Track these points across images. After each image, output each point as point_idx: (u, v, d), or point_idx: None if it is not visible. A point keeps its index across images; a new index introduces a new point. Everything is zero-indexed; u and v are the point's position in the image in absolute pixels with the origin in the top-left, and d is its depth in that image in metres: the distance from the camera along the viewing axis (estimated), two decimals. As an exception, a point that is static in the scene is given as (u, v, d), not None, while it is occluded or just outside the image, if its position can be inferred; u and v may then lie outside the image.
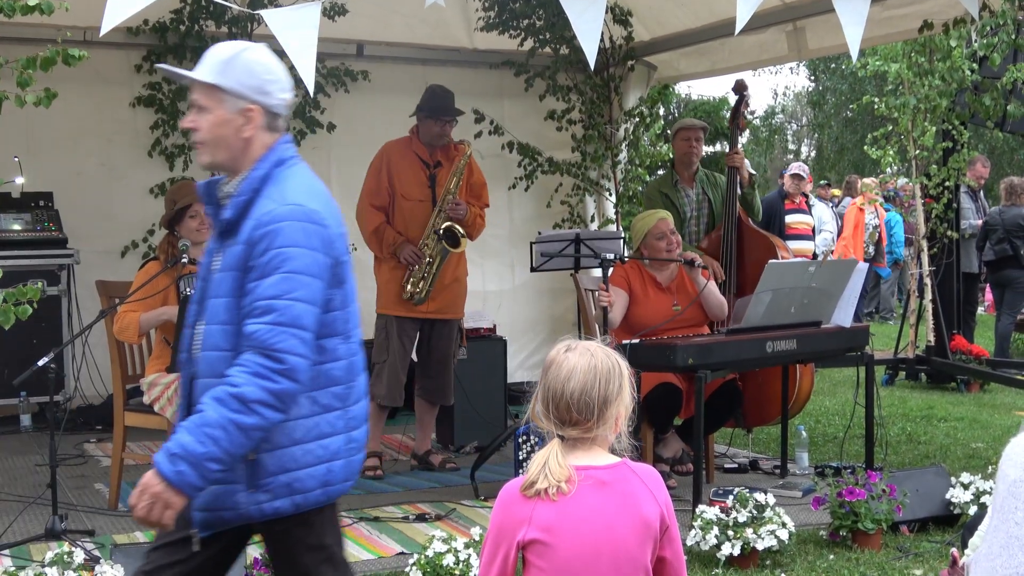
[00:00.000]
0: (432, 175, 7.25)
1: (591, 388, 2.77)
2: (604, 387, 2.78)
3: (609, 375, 2.79)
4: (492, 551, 2.80)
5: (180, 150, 8.79)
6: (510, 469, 6.44)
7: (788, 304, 6.24)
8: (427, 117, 7.22)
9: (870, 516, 5.49)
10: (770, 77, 33.40)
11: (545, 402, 2.81)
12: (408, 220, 7.21)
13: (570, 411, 2.77)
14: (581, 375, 2.77)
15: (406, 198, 7.20)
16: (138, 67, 8.75)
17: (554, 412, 2.79)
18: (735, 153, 7.75)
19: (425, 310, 7.23)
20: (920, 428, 8.74)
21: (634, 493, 2.79)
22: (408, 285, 7.15)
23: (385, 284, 7.26)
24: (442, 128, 7.23)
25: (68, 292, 8.36)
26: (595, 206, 10.04)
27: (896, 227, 15.61)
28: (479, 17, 9.22)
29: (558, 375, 2.79)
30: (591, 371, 2.78)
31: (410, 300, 7.16)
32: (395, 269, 7.21)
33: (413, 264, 7.13)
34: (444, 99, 7.27)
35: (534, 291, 10.11)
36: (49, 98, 4.78)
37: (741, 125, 7.98)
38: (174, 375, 5.83)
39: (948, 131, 10.63)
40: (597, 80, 9.63)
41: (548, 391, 2.80)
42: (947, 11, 7.26)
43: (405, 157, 7.25)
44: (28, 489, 6.56)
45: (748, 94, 7.97)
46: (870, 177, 15.78)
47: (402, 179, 7.21)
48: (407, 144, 7.31)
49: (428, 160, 7.27)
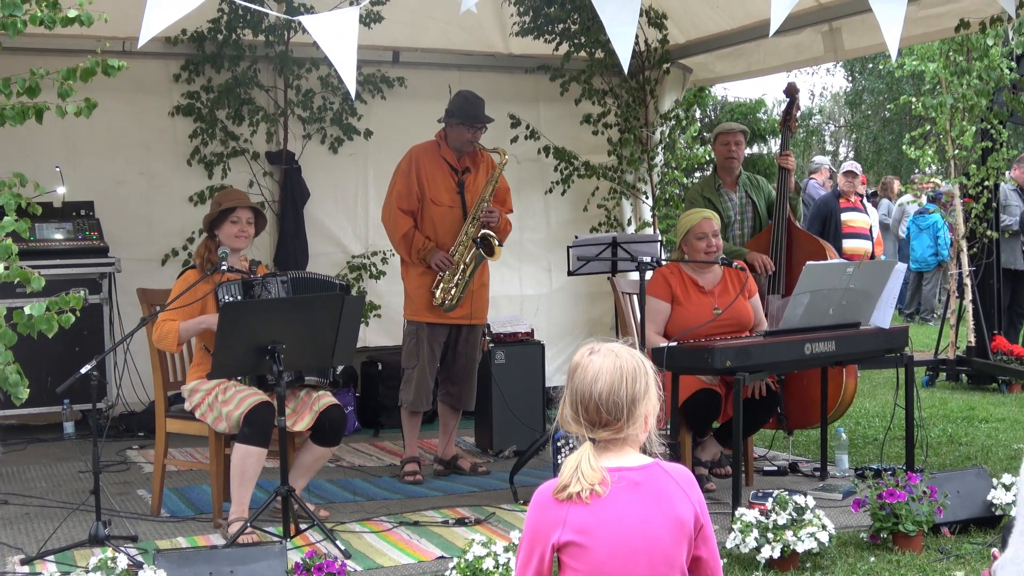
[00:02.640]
0: (461, 181, 7.26)
1: (619, 388, 2.78)
2: (632, 386, 2.79)
3: (635, 374, 2.80)
4: (527, 554, 2.81)
5: (219, 158, 8.87)
6: (548, 473, 6.45)
7: (827, 305, 6.21)
8: (459, 123, 7.23)
9: (911, 518, 5.45)
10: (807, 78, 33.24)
11: (574, 406, 2.83)
12: (437, 225, 7.22)
13: (599, 412, 2.79)
14: (608, 375, 2.79)
15: (436, 203, 7.21)
16: (176, 76, 8.84)
17: (584, 415, 2.81)
18: (787, 155, 7.75)
19: (455, 316, 7.24)
20: (961, 429, 8.68)
21: (667, 493, 2.80)
22: (439, 292, 7.15)
23: (415, 290, 7.26)
24: (474, 135, 7.24)
25: (110, 300, 8.43)
26: (631, 209, 10.04)
27: (943, 229, 15.46)
28: (514, 22, 9.24)
29: (584, 377, 2.81)
30: (617, 371, 2.79)
31: (440, 306, 7.17)
32: (423, 275, 7.21)
33: (444, 270, 7.14)
34: (477, 106, 7.27)
35: (571, 295, 10.12)
36: (89, 108, 4.84)
37: (792, 127, 7.99)
38: (215, 382, 5.88)
39: (987, 130, 10.56)
40: (632, 83, 9.63)
41: (576, 394, 2.81)
42: (984, 9, 7.23)
43: (434, 162, 7.25)
44: (72, 495, 6.63)
45: (799, 97, 7.98)
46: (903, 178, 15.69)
47: (432, 184, 7.21)
48: (435, 149, 7.31)
49: (456, 166, 7.27)
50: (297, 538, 5.54)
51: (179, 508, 6.46)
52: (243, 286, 5.98)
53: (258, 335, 5.48)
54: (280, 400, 5.44)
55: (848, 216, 11.79)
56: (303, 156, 9.15)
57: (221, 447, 5.94)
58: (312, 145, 9.22)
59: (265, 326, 5.50)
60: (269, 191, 9.07)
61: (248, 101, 8.90)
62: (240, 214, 6.14)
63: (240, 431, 5.70)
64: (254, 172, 8.98)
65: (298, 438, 6.10)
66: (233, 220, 6.13)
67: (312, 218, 9.20)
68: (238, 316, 5.53)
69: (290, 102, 9.05)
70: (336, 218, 9.43)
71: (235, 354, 5.54)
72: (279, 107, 9.04)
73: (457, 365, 7.41)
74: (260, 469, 5.76)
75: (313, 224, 9.20)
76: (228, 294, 5.91)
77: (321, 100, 9.17)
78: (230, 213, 6.14)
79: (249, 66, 8.88)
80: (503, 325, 8.25)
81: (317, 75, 9.02)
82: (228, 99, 8.82)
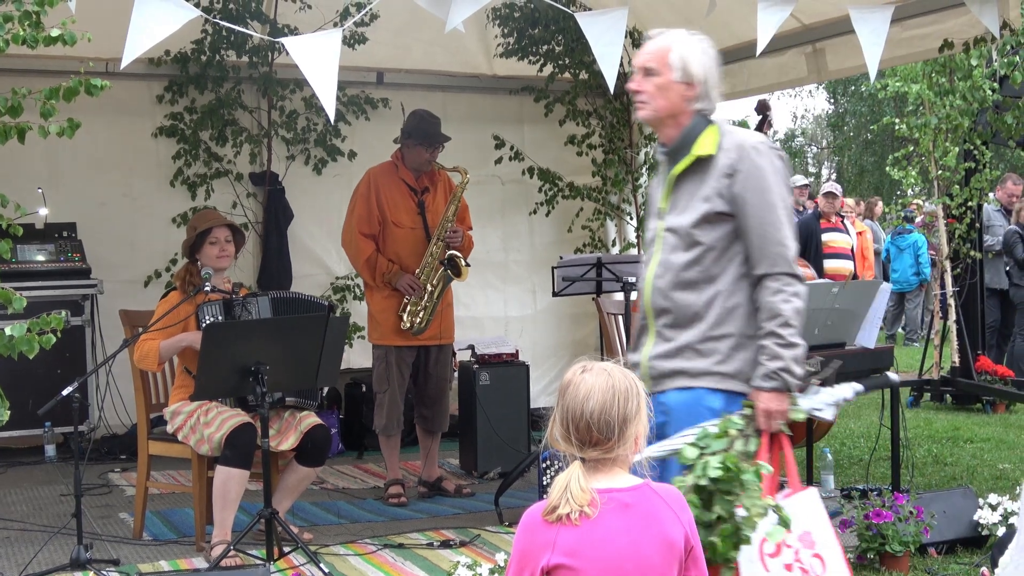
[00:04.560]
0: (421, 201, 7.21)
1: (610, 407, 2.76)
2: (623, 406, 2.78)
3: (627, 394, 2.79)
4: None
5: (202, 179, 8.85)
6: (534, 494, 6.42)
7: (812, 325, 6.20)
8: (417, 144, 7.17)
9: (898, 538, 5.44)
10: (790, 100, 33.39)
11: (564, 424, 2.81)
12: (400, 248, 7.16)
13: (590, 431, 2.77)
14: (600, 395, 2.77)
15: (397, 225, 7.15)
16: (160, 97, 8.82)
17: (575, 434, 2.79)
18: None
19: (423, 337, 7.19)
20: (946, 450, 8.68)
21: (657, 515, 2.78)
22: (406, 315, 7.10)
23: (380, 313, 7.19)
24: (431, 154, 7.19)
25: (92, 322, 8.39)
26: (616, 230, 10.04)
27: (923, 248, 15.55)
28: (498, 43, 9.26)
29: (576, 396, 2.79)
30: (609, 390, 2.78)
31: (409, 330, 7.12)
32: (388, 298, 7.14)
33: (411, 294, 7.10)
34: (433, 124, 7.22)
35: (556, 316, 10.11)
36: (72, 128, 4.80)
37: (764, 147, 7.92)
38: (197, 403, 5.84)
39: (970, 151, 10.59)
40: (617, 104, 9.64)
41: (567, 413, 2.80)
42: (967, 30, 7.24)
43: (393, 184, 7.19)
44: (53, 519, 6.58)
45: (771, 115, 7.93)
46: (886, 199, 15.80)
47: (392, 206, 7.14)
48: (393, 170, 7.24)
49: (415, 186, 7.22)
50: (281, 561, 5.50)
51: (161, 531, 6.41)
52: (224, 307, 5.95)
53: (241, 356, 5.45)
54: (264, 421, 5.41)
55: (829, 236, 11.85)
56: (287, 177, 9.13)
57: (204, 469, 5.90)
58: (296, 166, 9.20)
59: (248, 347, 5.46)
60: (253, 212, 9.05)
61: (232, 122, 8.88)
62: (217, 234, 6.11)
63: (222, 453, 5.66)
64: (237, 193, 8.96)
65: (282, 459, 6.06)
66: (212, 241, 6.10)
67: (296, 239, 9.18)
68: (221, 337, 5.49)
69: (274, 123, 9.04)
70: (320, 239, 9.40)
71: (218, 375, 5.51)
72: (263, 128, 9.02)
73: (429, 386, 7.36)
74: (243, 491, 5.72)
75: (297, 245, 9.18)
76: (210, 315, 5.88)
77: (305, 121, 9.16)
78: (207, 235, 6.11)
79: (233, 87, 8.86)
80: (488, 346, 8.23)
81: (301, 96, 9.01)
82: (211, 120, 8.80)
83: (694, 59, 3.88)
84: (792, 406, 3.74)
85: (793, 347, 3.73)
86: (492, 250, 9.81)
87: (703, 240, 3.81)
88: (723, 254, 3.81)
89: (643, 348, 3.93)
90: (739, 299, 3.81)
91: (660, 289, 3.87)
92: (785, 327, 3.72)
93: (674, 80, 3.87)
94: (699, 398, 3.78)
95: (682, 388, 3.81)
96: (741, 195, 3.77)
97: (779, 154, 3.86)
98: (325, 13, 8.29)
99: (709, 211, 3.79)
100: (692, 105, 3.89)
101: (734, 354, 3.79)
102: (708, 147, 3.84)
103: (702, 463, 3.47)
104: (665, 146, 3.97)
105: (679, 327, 3.83)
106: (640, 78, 3.94)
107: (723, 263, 3.81)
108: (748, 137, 3.91)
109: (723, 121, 3.93)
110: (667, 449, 3.62)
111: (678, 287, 3.83)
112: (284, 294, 6.51)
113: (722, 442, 3.57)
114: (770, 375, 3.71)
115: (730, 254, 3.81)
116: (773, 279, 3.75)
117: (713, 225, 3.80)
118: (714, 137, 3.86)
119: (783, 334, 3.72)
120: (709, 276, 3.81)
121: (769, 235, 3.76)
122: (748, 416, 3.69)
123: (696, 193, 3.83)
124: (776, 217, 3.77)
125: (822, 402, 3.83)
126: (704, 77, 3.89)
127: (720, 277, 3.81)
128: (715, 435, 3.59)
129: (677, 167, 3.89)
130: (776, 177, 3.80)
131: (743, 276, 3.82)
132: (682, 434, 3.65)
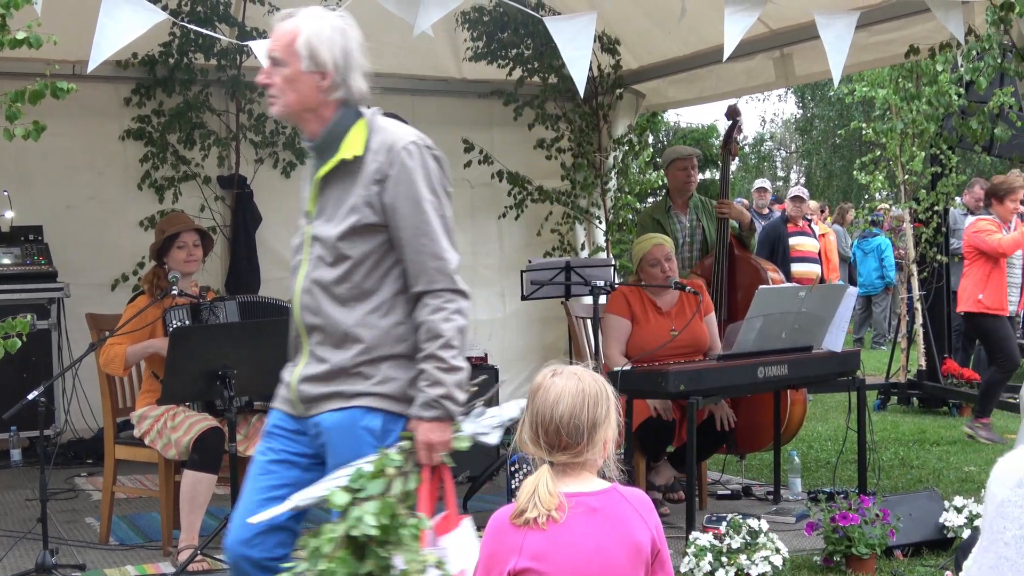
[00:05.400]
0: None
1: (580, 411, 2.77)
2: (593, 410, 2.78)
3: (597, 398, 2.79)
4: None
5: (170, 183, 8.80)
6: (503, 498, 6.42)
7: (779, 329, 6.23)
8: None
9: (864, 541, 5.47)
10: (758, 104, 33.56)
11: (534, 427, 2.81)
12: None
13: (560, 435, 2.77)
14: (570, 399, 2.77)
15: None
16: (127, 100, 8.76)
17: (543, 437, 2.79)
18: (723, 204, 7.63)
19: None
20: (912, 452, 8.73)
21: (625, 518, 2.78)
22: None
23: None
24: None
25: (58, 326, 8.34)
26: (585, 234, 10.05)
27: (887, 251, 15.65)
28: (467, 47, 9.25)
29: (546, 399, 2.79)
30: (579, 395, 2.78)
31: None
32: None
33: None
34: None
35: (525, 320, 10.11)
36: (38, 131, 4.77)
37: (733, 151, 7.92)
38: (164, 408, 5.82)
39: (936, 156, 10.66)
40: (586, 109, 9.66)
41: (536, 416, 2.80)
42: (933, 36, 7.30)
43: None
44: (18, 524, 6.53)
45: (741, 120, 7.94)
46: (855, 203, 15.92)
47: None
48: None
49: None
50: (248, 566, 5.47)
51: (128, 536, 6.38)
52: (191, 311, 5.93)
53: (208, 360, 5.42)
54: (231, 426, 5.39)
55: (796, 240, 11.91)
56: (255, 180, 9.10)
57: (171, 474, 5.87)
58: (264, 169, 9.17)
59: (215, 351, 5.44)
60: (221, 215, 9.01)
61: (200, 125, 8.84)
62: (185, 238, 6.10)
63: (190, 457, 5.63)
64: (205, 196, 8.92)
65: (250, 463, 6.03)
66: (179, 245, 6.08)
67: (264, 243, 9.14)
68: (188, 341, 5.47)
69: (242, 126, 9.01)
70: (288, 243, 9.27)
71: (185, 380, 5.48)
72: (231, 131, 8.99)
73: None
74: (210, 495, 5.70)
75: (265, 249, 9.14)
76: (177, 319, 5.85)
77: (273, 124, 9.12)
78: (176, 239, 6.09)
79: (201, 90, 8.82)
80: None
81: (270, 99, 8.96)
82: (179, 123, 8.75)
83: (323, 44, 3.39)
84: (455, 434, 3.37)
85: (456, 371, 3.32)
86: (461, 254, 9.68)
87: (351, 254, 3.37)
88: (376, 267, 3.40)
89: (296, 368, 3.54)
90: (398, 316, 3.40)
91: (308, 306, 3.45)
92: (447, 348, 3.31)
93: (303, 70, 3.38)
94: (355, 418, 3.36)
95: (337, 409, 3.39)
96: (392, 205, 3.35)
97: (434, 154, 3.47)
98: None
99: (357, 223, 3.36)
100: (331, 96, 3.43)
101: (393, 375, 3.37)
102: (355, 148, 3.40)
103: (356, 514, 3.05)
104: (311, 141, 3.50)
105: (332, 347, 3.40)
106: (268, 69, 3.44)
107: (377, 277, 3.40)
108: (399, 136, 3.46)
109: (374, 114, 3.52)
110: (316, 496, 3.22)
111: (328, 304, 3.41)
112: (252, 298, 6.49)
113: (379, 484, 3.14)
114: (431, 404, 3.30)
115: (384, 267, 3.40)
116: (433, 296, 3.35)
117: (363, 237, 3.37)
118: (362, 135, 3.44)
119: (445, 357, 3.30)
120: (362, 292, 3.39)
121: (425, 248, 3.36)
122: (407, 450, 3.28)
123: (343, 201, 3.40)
124: (431, 228, 3.37)
125: (488, 425, 3.45)
126: (338, 63, 3.42)
127: (375, 293, 3.39)
128: (370, 475, 3.16)
129: (322, 169, 3.44)
130: (429, 181, 3.41)
131: (401, 291, 3.41)
132: (334, 476, 3.23)
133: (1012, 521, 1.75)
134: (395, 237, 3.36)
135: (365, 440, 3.33)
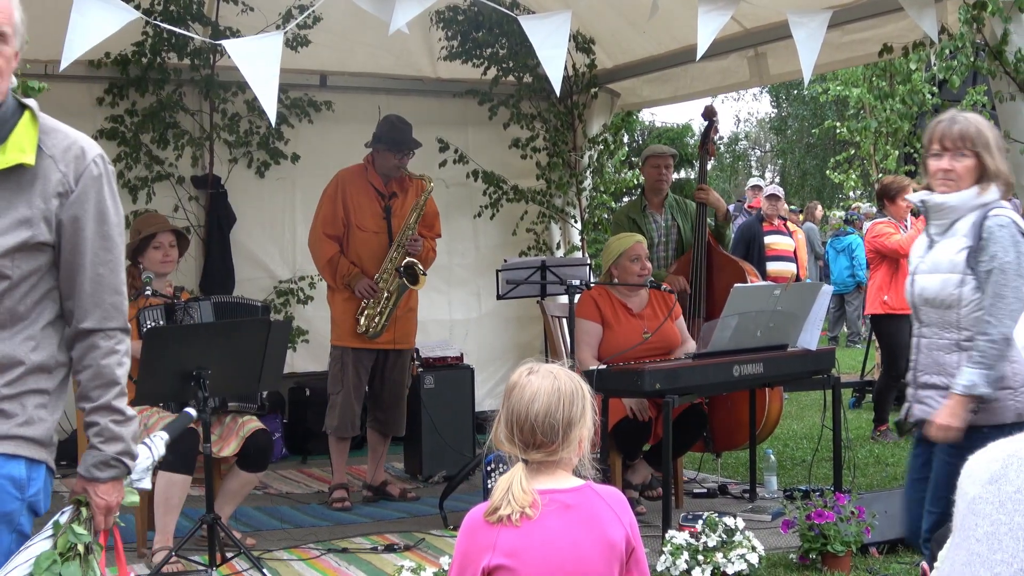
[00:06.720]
0: (387, 207, 7.22)
1: (555, 410, 2.76)
2: (568, 409, 2.77)
3: (573, 397, 2.79)
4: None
5: (143, 183, 8.75)
6: (479, 497, 6.41)
7: (754, 328, 6.24)
8: (386, 149, 7.19)
9: (839, 538, 5.49)
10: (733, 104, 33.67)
11: (509, 425, 2.80)
12: (362, 251, 7.18)
13: (535, 433, 2.77)
14: (545, 397, 2.77)
15: (361, 229, 7.17)
16: (100, 100, 8.71)
17: (518, 435, 2.79)
18: (701, 189, 7.77)
19: (380, 341, 7.20)
20: (887, 450, 8.76)
21: (599, 515, 2.78)
22: (363, 319, 7.11)
23: (340, 315, 7.24)
24: (400, 160, 7.21)
25: (31, 327, 8.27)
26: (560, 233, 10.05)
27: (858, 250, 15.71)
28: (442, 46, 9.24)
29: (522, 397, 2.79)
30: (555, 393, 2.77)
31: (364, 334, 7.13)
32: (348, 300, 7.17)
33: (368, 298, 7.10)
34: (403, 131, 7.25)
35: (501, 319, 10.10)
36: (8, 131, 4.74)
37: (710, 151, 7.98)
38: (138, 409, 5.78)
39: (910, 154, 10.71)
40: (561, 108, 9.66)
41: (512, 414, 2.79)
42: (906, 35, 7.32)
43: (361, 187, 7.21)
44: (-9, 526, 6.48)
45: (717, 120, 7.99)
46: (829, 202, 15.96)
47: (358, 210, 7.17)
48: (362, 173, 7.27)
49: (383, 191, 7.24)
50: (223, 567, 5.46)
51: (102, 538, 6.34)
52: (165, 311, 5.91)
53: (182, 361, 5.39)
54: (205, 426, 5.36)
55: (772, 239, 11.92)
56: (229, 180, 9.06)
57: (145, 475, 5.83)
58: (238, 169, 9.13)
59: (190, 352, 5.41)
60: (195, 215, 8.97)
61: (173, 125, 8.80)
62: (162, 239, 6.08)
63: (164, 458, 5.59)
64: (179, 196, 8.88)
65: (224, 464, 6.02)
66: (155, 246, 6.06)
67: (238, 243, 9.11)
68: (161, 342, 5.44)
69: (216, 126, 8.97)
70: (263, 243, 9.34)
71: (159, 380, 5.45)
72: (205, 131, 8.95)
73: (385, 391, 7.36)
74: (185, 496, 5.68)
75: (239, 249, 9.11)
76: (151, 319, 5.83)
77: (248, 124, 9.09)
78: (152, 239, 6.06)
79: (174, 90, 8.78)
80: (432, 350, 8.22)
81: (243, 99, 8.92)
82: (153, 123, 8.70)
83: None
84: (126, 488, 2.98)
85: (130, 422, 2.95)
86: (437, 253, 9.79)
87: (11, 274, 2.78)
88: (32, 291, 2.84)
89: None
90: (52, 349, 2.89)
91: None
92: (121, 398, 2.93)
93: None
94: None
95: None
96: (72, 225, 2.82)
97: (110, 168, 2.94)
98: (267, 15, 8.23)
99: (31, 239, 2.79)
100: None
101: (41, 415, 2.87)
102: (26, 152, 2.83)
103: None
104: None
105: None
106: None
107: (31, 303, 2.84)
108: (84, 144, 2.93)
109: (37, 108, 2.97)
110: None
111: None
112: (226, 298, 6.48)
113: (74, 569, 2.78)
114: (109, 463, 2.89)
115: (40, 291, 2.86)
116: (105, 337, 2.89)
117: (32, 256, 2.81)
118: (32, 137, 2.88)
119: (120, 407, 2.93)
120: (12, 318, 2.80)
121: (104, 280, 2.87)
122: (86, 519, 2.90)
123: (7, 212, 2.79)
124: (113, 257, 2.89)
125: (141, 470, 3.08)
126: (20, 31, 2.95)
127: (25, 319, 2.83)
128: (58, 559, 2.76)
129: None
130: (116, 203, 2.92)
131: (57, 319, 2.90)
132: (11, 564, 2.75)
133: (983, 518, 1.75)
134: (68, 261, 2.85)
135: (7, 493, 2.79)
